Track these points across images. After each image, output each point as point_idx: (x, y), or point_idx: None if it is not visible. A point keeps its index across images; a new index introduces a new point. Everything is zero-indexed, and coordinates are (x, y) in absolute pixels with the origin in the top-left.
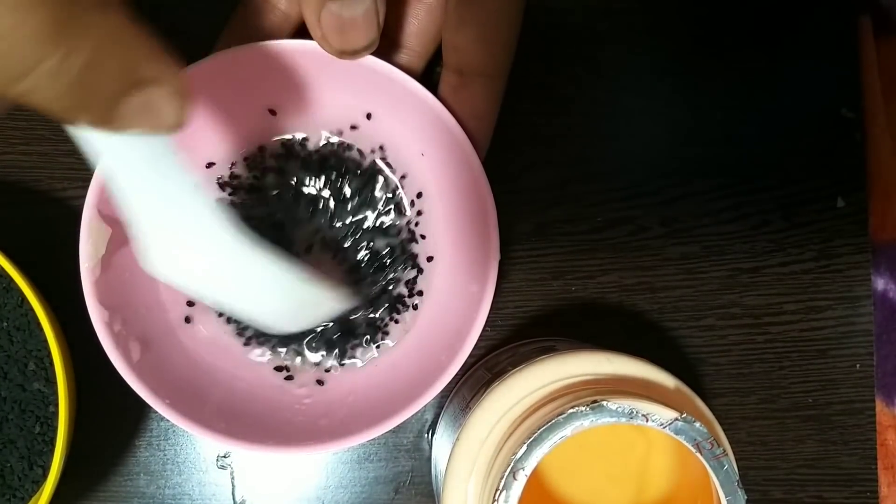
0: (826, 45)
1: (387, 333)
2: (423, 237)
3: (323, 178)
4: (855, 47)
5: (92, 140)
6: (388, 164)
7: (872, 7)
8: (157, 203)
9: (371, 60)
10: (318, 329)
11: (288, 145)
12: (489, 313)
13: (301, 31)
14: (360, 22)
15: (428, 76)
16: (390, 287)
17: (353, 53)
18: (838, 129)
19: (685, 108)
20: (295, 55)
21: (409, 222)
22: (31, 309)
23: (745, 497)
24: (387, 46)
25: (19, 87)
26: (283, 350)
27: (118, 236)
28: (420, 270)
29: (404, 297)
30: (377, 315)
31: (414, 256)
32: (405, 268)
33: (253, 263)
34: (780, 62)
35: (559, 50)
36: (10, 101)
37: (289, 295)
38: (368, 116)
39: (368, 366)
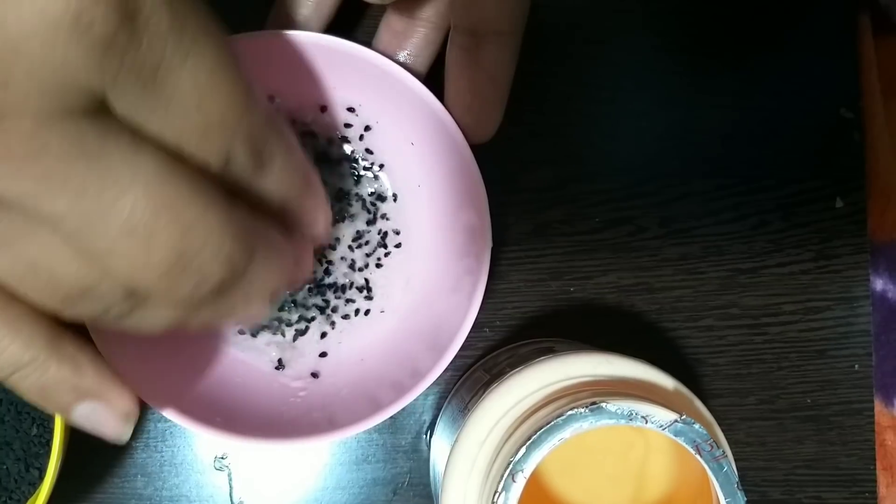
0: (825, 45)
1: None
2: (408, 226)
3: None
4: (854, 47)
5: None
6: (373, 153)
7: (871, 7)
8: None
9: (361, 50)
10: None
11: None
12: (487, 314)
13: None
14: None
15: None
16: (379, 277)
17: None
18: (837, 128)
19: (685, 108)
20: (284, 45)
21: (396, 211)
22: None
23: (745, 498)
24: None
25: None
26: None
27: None
28: (412, 260)
29: (394, 286)
30: (359, 306)
31: (402, 245)
32: (395, 256)
33: None
34: (780, 62)
35: (559, 49)
36: None
37: None
38: (351, 109)
39: (363, 357)
